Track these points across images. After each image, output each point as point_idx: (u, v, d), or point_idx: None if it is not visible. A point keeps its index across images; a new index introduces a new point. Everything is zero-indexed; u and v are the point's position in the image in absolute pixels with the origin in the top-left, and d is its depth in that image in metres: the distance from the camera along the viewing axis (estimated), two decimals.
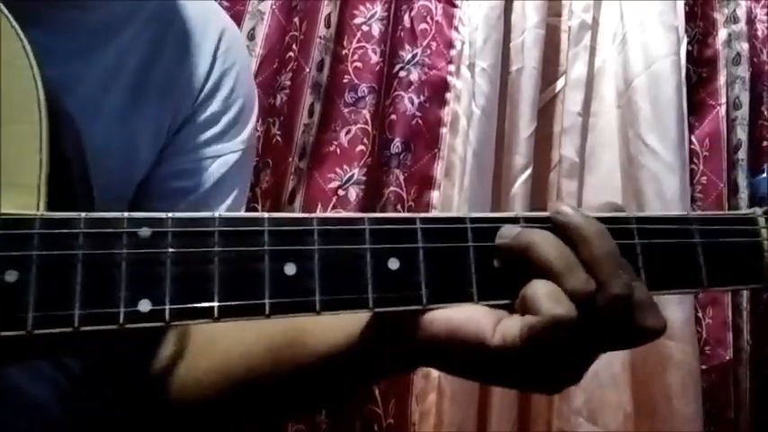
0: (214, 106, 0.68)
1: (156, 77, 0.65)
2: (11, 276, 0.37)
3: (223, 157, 0.68)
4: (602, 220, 0.45)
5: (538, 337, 0.40)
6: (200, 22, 0.69)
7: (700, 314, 1.28)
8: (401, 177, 1.26)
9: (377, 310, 0.42)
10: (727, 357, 1.27)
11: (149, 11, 0.67)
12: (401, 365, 0.49)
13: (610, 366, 1.25)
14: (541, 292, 0.41)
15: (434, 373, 1.19)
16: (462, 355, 0.43)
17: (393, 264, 0.42)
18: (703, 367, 1.25)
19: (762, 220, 0.51)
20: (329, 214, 0.43)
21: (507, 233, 0.44)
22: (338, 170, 1.24)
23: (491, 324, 0.42)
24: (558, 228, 0.43)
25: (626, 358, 1.26)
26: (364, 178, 1.23)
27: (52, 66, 0.46)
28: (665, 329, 0.44)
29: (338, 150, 1.25)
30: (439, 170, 1.28)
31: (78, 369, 0.65)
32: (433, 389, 1.19)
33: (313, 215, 0.42)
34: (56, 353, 0.59)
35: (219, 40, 0.70)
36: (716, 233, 0.49)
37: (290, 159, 1.23)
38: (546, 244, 0.42)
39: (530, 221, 0.45)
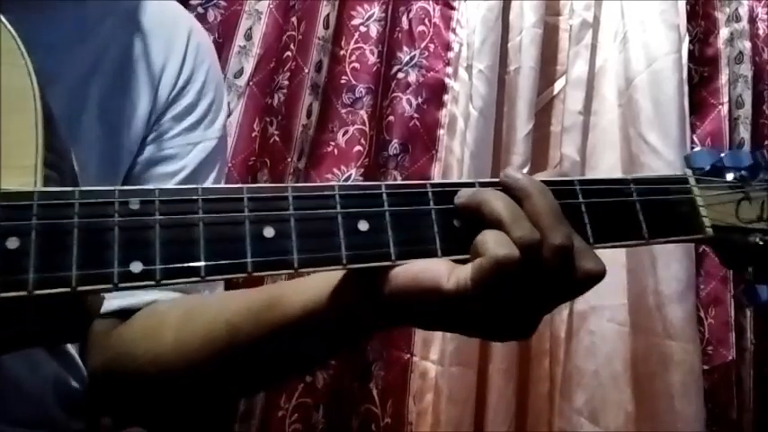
0: (189, 98, 0.76)
1: (133, 72, 0.72)
2: (12, 243, 0.40)
3: (202, 143, 0.76)
4: (550, 183, 0.50)
5: (485, 277, 0.44)
6: (169, 23, 0.77)
7: (702, 314, 1.27)
8: (399, 178, 1.26)
9: (350, 266, 0.46)
10: (730, 357, 1.26)
11: (124, 9, 0.73)
12: (370, 323, 0.53)
13: (611, 366, 1.25)
14: (489, 237, 0.46)
15: (432, 372, 1.20)
16: (422, 302, 0.47)
17: (363, 225, 0.46)
18: (706, 367, 1.23)
19: (692, 180, 0.57)
20: (302, 184, 0.45)
21: (464, 194, 0.49)
22: (336, 170, 1.24)
23: (446, 271, 0.46)
24: (507, 188, 0.49)
25: (627, 357, 1.25)
26: (361, 179, 1.23)
27: (36, 57, 0.48)
28: (604, 272, 0.48)
29: (336, 151, 1.25)
30: (436, 172, 1.28)
31: (82, 367, 0.68)
32: (431, 388, 1.19)
33: (288, 185, 0.46)
34: (51, 338, 0.61)
35: (188, 40, 0.77)
36: (652, 191, 0.54)
37: (289, 159, 1.22)
38: (496, 200, 0.47)
39: (484, 185, 0.50)
